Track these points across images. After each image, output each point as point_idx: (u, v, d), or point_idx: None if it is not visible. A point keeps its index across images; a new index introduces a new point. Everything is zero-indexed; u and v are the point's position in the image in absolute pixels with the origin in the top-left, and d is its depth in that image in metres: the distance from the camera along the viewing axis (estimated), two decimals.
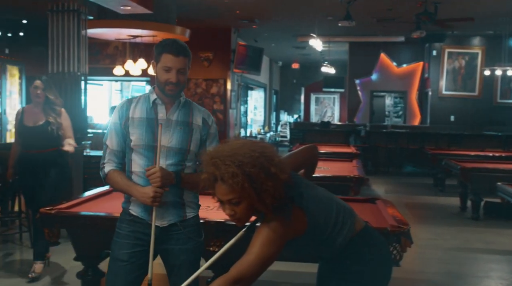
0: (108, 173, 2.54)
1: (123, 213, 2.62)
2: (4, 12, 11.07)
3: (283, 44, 15.54)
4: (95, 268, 3.71)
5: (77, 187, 6.04)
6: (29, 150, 4.67)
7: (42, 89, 4.64)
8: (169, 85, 2.47)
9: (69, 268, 4.87)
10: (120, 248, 2.55)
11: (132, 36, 10.33)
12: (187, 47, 2.53)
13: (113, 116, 2.58)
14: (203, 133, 2.59)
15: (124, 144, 2.55)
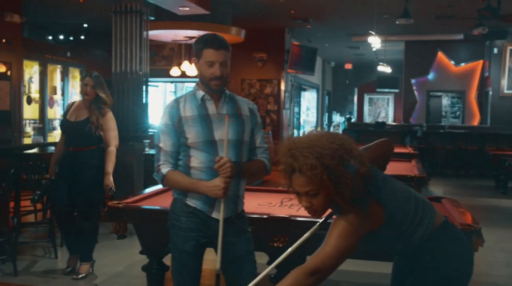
0: (167, 174, 2.56)
1: (179, 204, 2.64)
2: (67, 17, 11.48)
3: (337, 44, 15.40)
4: (160, 262, 3.78)
5: (138, 184, 6.18)
6: (68, 146, 4.47)
7: (92, 87, 4.41)
8: (214, 80, 2.51)
9: (135, 261, 4.98)
10: (185, 240, 2.60)
11: (189, 37, 10.49)
12: (226, 41, 2.59)
13: (162, 118, 2.60)
14: (252, 123, 2.66)
15: (178, 144, 2.57)
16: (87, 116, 4.39)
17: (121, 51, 6.05)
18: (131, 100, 6.09)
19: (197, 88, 2.61)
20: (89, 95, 4.39)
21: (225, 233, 2.54)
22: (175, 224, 2.64)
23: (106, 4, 7.82)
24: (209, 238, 2.56)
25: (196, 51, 2.56)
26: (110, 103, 4.52)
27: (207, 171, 2.52)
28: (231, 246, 2.59)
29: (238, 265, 2.62)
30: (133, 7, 5.97)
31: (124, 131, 6.11)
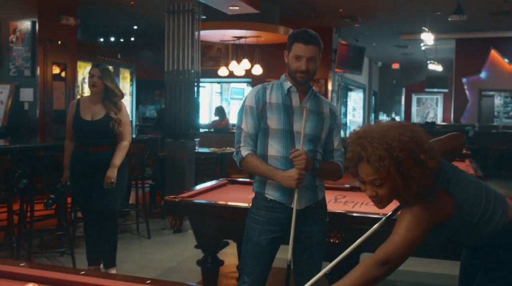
0: (246, 157, 2.62)
1: (259, 199, 2.69)
2: (118, 19, 11.76)
3: (385, 43, 15.17)
4: (215, 257, 3.80)
5: (189, 181, 6.25)
6: (84, 146, 4.14)
7: (98, 77, 4.09)
8: (299, 73, 2.56)
9: (187, 257, 5.05)
10: (261, 234, 2.63)
11: (236, 37, 10.57)
12: (318, 37, 2.62)
13: (247, 101, 2.66)
14: (331, 123, 2.70)
15: (258, 127, 2.63)
16: (104, 114, 4.11)
17: (173, 50, 6.15)
18: (183, 98, 6.18)
19: (285, 78, 2.67)
20: (96, 86, 4.09)
21: (303, 222, 2.59)
22: (253, 217, 2.68)
23: (158, 5, 7.98)
24: (287, 230, 2.58)
25: (288, 44, 2.63)
26: (120, 94, 4.22)
27: (283, 161, 2.57)
28: (307, 234, 2.64)
29: (310, 254, 2.66)
30: (186, 7, 6.06)
31: (176, 129, 6.22)
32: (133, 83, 12.71)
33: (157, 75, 13.77)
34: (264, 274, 2.66)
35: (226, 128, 10.15)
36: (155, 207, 7.14)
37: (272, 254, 2.66)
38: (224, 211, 3.54)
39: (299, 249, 2.64)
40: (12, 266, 2.05)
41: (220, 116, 10.31)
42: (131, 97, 12.69)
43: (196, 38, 6.24)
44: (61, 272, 2.00)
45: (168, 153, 6.38)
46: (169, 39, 6.15)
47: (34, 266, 2.06)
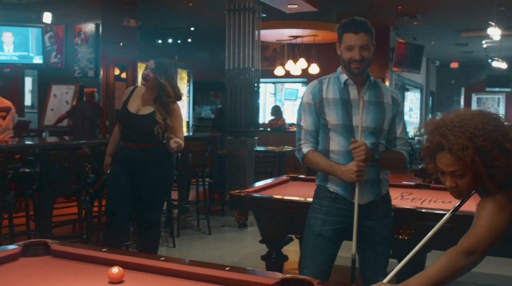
0: (307, 154, 2.61)
1: (321, 190, 2.66)
2: (175, 21, 11.98)
3: (444, 41, 14.74)
4: (279, 252, 3.80)
5: (249, 178, 6.29)
6: (127, 142, 3.75)
7: (152, 70, 3.63)
8: (353, 63, 2.50)
9: (248, 253, 5.08)
10: (323, 224, 2.60)
11: (293, 37, 10.56)
12: (368, 23, 2.55)
13: (304, 98, 2.64)
14: (394, 112, 2.62)
15: (318, 123, 2.60)
16: (152, 111, 3.65)
17: (233, 48, 6.20)
18: (243, 96, 6.22)
19: (341, 71, 2.62)
20: (148, 80, 3.63)
21: (367, 217, 2.55)
22: (316, 207, 2.66)
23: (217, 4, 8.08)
24: (350, 224, 2.53)
25: (338, 36, 2.59)
26: (173, 95, 3.69)
27: (345, 156, 2.52)
28: (371, 230, 2.58)
29: (375, 250, 2.60)
30: (246, 5, 6.10)
31: (236, 127, 6.27)
32: (190, 84, 12.92)
33: (213, 76, 13.99)
34: (325, 267, 2.60)
35: (282, 127, 10.15)
36: (214, 205, 7.23)
37: (335, 246, 2.60)
38: (290, 205, 3.54)
39: (364, 244, 2.59)
40: (96, 251, 2.13)
41: (276, 116, 10.33)
42: (188, 98, 12.90)
43: (256, 36, 6.27)
44: (143, 258, 2.06)
45: (228, 151, 6.45)
46: (230, 37, 6.21)
47: (116, 252, 2.12)
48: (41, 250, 2.16)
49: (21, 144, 5.43)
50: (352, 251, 2.51)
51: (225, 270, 1.90)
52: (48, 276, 1.93)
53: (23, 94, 10.01)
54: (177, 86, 3.81)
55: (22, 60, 8.98)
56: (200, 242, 5.65)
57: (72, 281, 1.88)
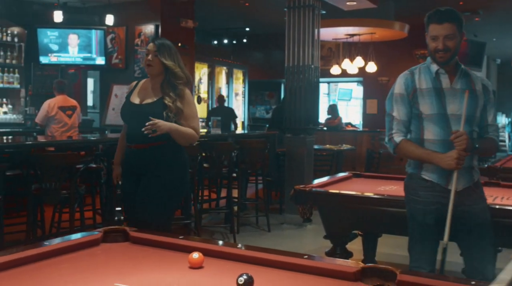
0: (400, 142, 2.65)
1: (415, 179, 2.68)
2: (231, 21, 12.10)
3: (506, 38, 14.22)
4: (343, 248, 3.76)
5: (308, 176, 6.27)
6: (130, 143, 3.26)
7: (154, 54, 3.18)
8: (438, 53, 2.56)
9: (308, 250, 5.05)
10: (425, 213, 2.61)
11: (349, 35, 10.45)
12: (454, 12, 2.61)
13: (396, 88, 2.68)
14: (485, 99, 2.68)
15: (410, 114, 2.65)
16: (158, 98, 3.18)
17: (293, 46, 6.19)
18: (302, 93, 6.21)
19: (431, 61, 2.67)
20: (152, 65, 3.19)
21: (464, 203, 2.56)
22: (413, 198, 2.69)
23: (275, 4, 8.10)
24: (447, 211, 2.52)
25: (425, 26, 2.65)
26: (185, 77, 3.25)
27: (440, 144, 2.57)
28: (470, 214, 2.58)
29: (477, 233, 2.59)
30: (306, 2, 6.09)
31: (295, 124, 6.26)
32: (245, 84, 13.01)
33: (268, 76, 14.04)
34: (433, 255, 2.59)
35: (339, 126, 10.07)
36: (271, 203, 7.24)
37: (439, 234, 2.56)
38: (357, 200, 3.50)
39: (464, 231, 2.58)
40: (173, 238, 2.17)
41: (333, 115, 10.25)
42: (243, 98, 13.00)
43: (316, 34, 6.24)
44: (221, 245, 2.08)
45: (287, 148, 6.45)
46: (289, 35, 6.21)
47: (193, 239, 2.16)
48: (119, 237, 2.23)
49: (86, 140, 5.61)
50: (444, 240, 2.48)
51: (303, 258, 1.89)
52: (129, 260, 1.98)
53: (85, 95, 10.35)
54: (184, 67, 3.29)
55: (86, 62, 9.30)
56: (260, 238, 5.66)
57: (153, 265, 1.92)
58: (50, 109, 6.56)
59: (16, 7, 9.06)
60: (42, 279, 1.71)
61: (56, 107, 6.58)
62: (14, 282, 1.67)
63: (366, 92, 13.10)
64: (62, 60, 9.12)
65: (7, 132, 7.57)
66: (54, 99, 6.68)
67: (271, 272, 1.84)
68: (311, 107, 6.27)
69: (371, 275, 1.77)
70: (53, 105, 6.59)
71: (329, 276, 1.78)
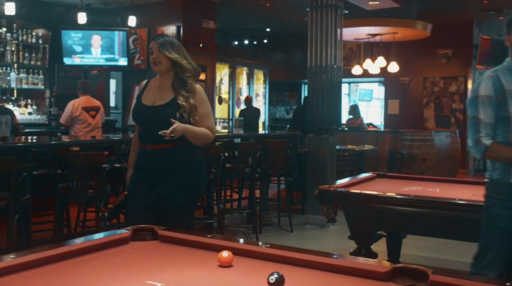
0: (491, 145, 2.60)
1: (502, 184, 2.63)
2: (252, 22, 12.12)
3: None
4: (368, 248, 3.74)
5: (331, 176, 6.23)
6: (144, 143, 3.17)
7: (158, 51, 3.09)
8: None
9: (335, 250, 5.02)
10: (509, 219, 2.57)
11: (371, 35, 10.39)
12: None
13: (482, 91, 2.62)
14: None
15: (497, 116, 2.59)
16: (171, 99, 3.08)
17: (316, 46, 6.17)
18: (325, 93, 6.18)
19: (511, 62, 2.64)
20: (160, 63, 3.10)
21: None
22: (497, 203, 2.63)
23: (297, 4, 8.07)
24: None
25: (507, 29, 2.64)
26: (192, 69, 3.14)
27: None
28: None
29: None
30: (329, 2, 6.06)
31: (318, 124, 6.24)
32: (266, 84, 13.01)
33: (288, 76, 14.03)
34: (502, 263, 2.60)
35: (361, 127, 10.00)
36: (293, 203, 7.22)
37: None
38: (382, 201, 3.47)
39: None
40: (202, 237, 2.18)
41: (354, 115, 10.19)
42: (264, 99, 13.00)
43: (338, 34, 6.21)
44: (249, 244, 2.08)
45: (310, 148, 6.43)
46: (312, 35, 6.19)
47: (221, 238, 2.16)
48: (148, 235, 2.24)
49: (110, 140, 5.66)
50: None
51: (333, 257, 1.88)
52: (159, 258, 1.99)
53: (108, 96, 10.46)
54: (190, 58, 3.18)
55: (108, 63, 9.40)
56: (282, 239, 5.65)
57: (183, 263, 1.93)
58: (74, 110, 6.64)
59: (41, 9, 9.20)
60: (74, 275, 1.73)
61: (80, 108, 6.66)
62: (48, 278, 1.70)
63: (387, 92, 13.01)
64: (85, 61, 9.24)
65: (32, 132, 7.69)
66: (78, 100, 6.76)
67: (301, 272, 1.83)
68: (333, 108, 6.24)
69: (402, 275, 1.75)
70: (77, 105, 6.67)
71: (359, 276, 1.77)
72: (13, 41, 8.61)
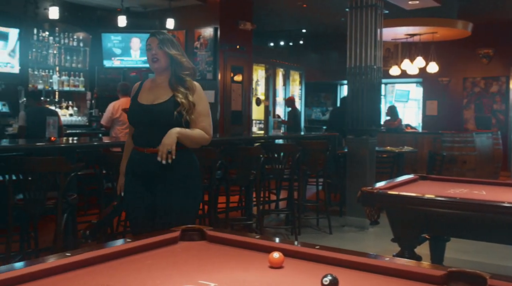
0: None
1: None
2: (288, 23, 12.11)
3: None
4: (412, 251, 3.68)
5: (370, 178, 6.16)
6: (140, 145, 2.98)
7: (158, 47, 2.94)
8: None
9: (379, 251, 4.97)
10: None
11: (409, 35, 10.24)
12: None
13: None
14: None
15: None
16: (169, 97, 2.93)
17: (355, 46, 6.12)
18: (365, 94, 6.12)
19: None
20: (158, 59, 2.95)
21: None
22: None
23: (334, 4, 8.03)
24: None
25: None
26: (190, 67, 3.01)
27: None
28: None
29: None
30: (369, 2, 6.00)
31: (358, 125, 6.18)
32: (302, 85, 12.98)
33: (324, 77, 13.95)
34: None
35: (399, 128, 9.87)
36: (331, 205, 7.18)
37: None
38: (427, 203, 3.41)
39: None
40: (250, 238, 2.18)
41: (392, 116, 10.06)
42: (300, 100, 12.96)
43: (378, 34, 6.14)
44: (299, 245, 2.07)
45: (349, 150, 6.37)
46: (351, 35, 6.13)
47: (270, 239, 2.17)
48: (195, 236, 2.26)
49: None
50: None
51: (385, 260, 1.86)
52: (209, 258, 2.01)
53: None
54: (187, 57, 3.07)
55: (147, 65, 9.50)
56: (322, 241, 5.62)
57: (233, 264, 1.94)
58: (114, 111, 6.75)
59: (82, 13, 9.40)
60: (131, 274, 1.76)
61: (121, 109, 6.77)
62: (108, 275, 1.73)
63: (426, 93, 12.80)
64: (124, 63, 9.40)
65: (73, 133, 7.87)
66: (119, 102, 6.87)
67: (353, 274, 1.81)
68: (373, 109, 6.18)
69: (458, 279, 1.72)
70: (117, 107, 6.78)
71: (413, 279, 1.74)
72: (55, 45, 8.83)
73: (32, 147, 4.26)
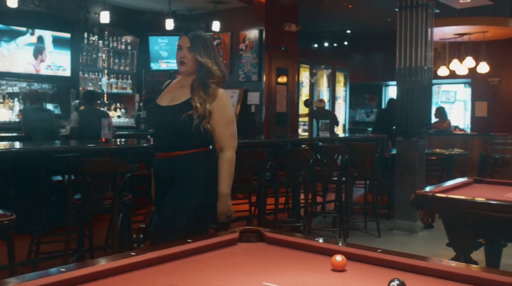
0: None
1: None
2: (332, 24, 12.03)
3: None
4: (468, 257, 3.59)
5: (420, 181, 6.05)
6: (155, 151, 2.86)
7: (188, 49, 2.72)
8: None
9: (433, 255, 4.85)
10: None
11: (458, 34, 10.01)
12: None
13: None
14: None
15: None
16: (188, 98, 2.73)
17: (405, 47, 6.02)
18: (415, 95, 6.00)
19: None
20: (185, 63, 2.74)
21: None
22: None
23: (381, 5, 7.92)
24: None
25: None
26: (220, 77, 2.76)
27: None
28: None
29: None
30: (419, 2, 5.89)
31: (407, 127, 6.08)
32: (346, 87, 12.87)
33: (368, 78, 13.78)
34: None
35: (448, 130, 9.64)
36: (378, 208, 7.08)
37: None
38: (484, 207, 3.32)
39: None
40: (309, 240, 2.18)
41: (441, 118, 9.83)
42: (344, 102, 12.86)
43: (429, 34, 6.02)
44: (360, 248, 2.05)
45: (398, 152, 6.27)
46: (401, 36, 6.04)
47: (331, 242, 2.16)
48: (253, 237, 2.27)
49: None
50: None
51: (451, 265, 1.82)
52: (269, 260, 2.01)
53: None
54: (221, 64, 2.82)
55: None
56: (370, 244, 5.53)
57: (294, 266, 1.94)
58: None
59: (130, 16, 9.60)
60: (195, 274, 1.79)
61: None
62: (171, 274, 1.76)
63: (475, 94, 12.47)
64: (171, 66, 9.54)
65: (122, 135, 8.04)
66: None
67: (418, 278, 1.78)
68: (423, 110, 6.06)
69: None
70: None
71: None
72: (104, 48, 9.05)
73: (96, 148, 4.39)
